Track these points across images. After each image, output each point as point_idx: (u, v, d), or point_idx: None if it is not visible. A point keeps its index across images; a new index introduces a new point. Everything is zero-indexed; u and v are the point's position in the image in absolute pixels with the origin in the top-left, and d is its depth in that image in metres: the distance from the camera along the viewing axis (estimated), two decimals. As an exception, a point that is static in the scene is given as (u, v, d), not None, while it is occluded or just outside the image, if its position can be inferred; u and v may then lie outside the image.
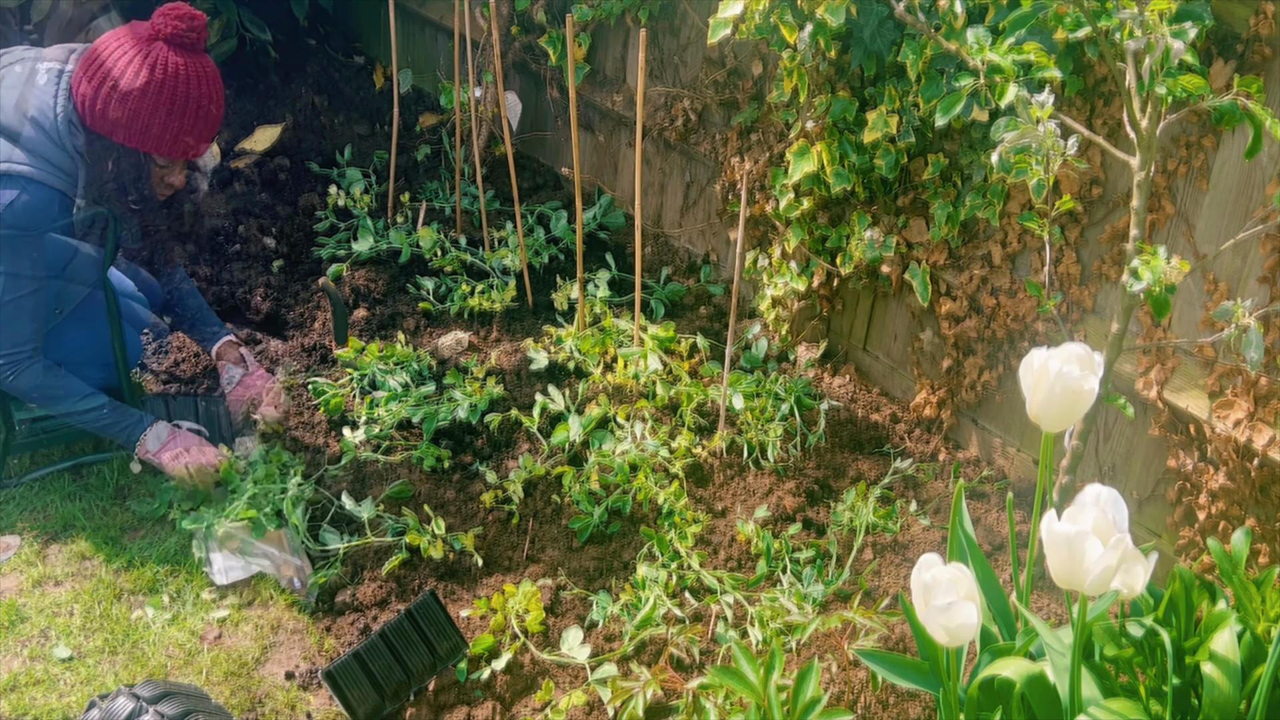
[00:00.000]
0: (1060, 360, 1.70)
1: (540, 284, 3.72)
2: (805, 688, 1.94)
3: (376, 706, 2.32)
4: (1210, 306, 2.51)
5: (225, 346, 3.21)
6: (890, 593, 2.65)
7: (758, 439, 3.01)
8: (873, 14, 2.78)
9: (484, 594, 2.63)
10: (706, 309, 3.61)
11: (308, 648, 2.54)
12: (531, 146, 4.37)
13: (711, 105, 3.56)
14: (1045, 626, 1.79)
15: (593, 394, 3.16)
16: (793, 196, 3.15)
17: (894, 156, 2.90)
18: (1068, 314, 2.77)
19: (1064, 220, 2.75)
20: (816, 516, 2.87)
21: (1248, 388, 2.44)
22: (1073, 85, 2.60)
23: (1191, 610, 1.84)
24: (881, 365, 3.33)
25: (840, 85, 2.98)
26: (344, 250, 3.84)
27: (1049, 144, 2.00)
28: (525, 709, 2.38)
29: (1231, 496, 2.48)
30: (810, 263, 3.24)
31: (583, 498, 2.84)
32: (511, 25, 4.08)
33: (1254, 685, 1.72)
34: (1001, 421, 3.04)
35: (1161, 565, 2.65)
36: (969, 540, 2.04)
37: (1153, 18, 1.86)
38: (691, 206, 3.79)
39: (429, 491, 2.89)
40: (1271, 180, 2.35)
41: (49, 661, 2.46)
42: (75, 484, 2.94)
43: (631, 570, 2.71)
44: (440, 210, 4.09)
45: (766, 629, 2.50)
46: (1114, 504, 1.62)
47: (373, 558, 2.70)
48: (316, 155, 4.43)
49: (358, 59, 5.07)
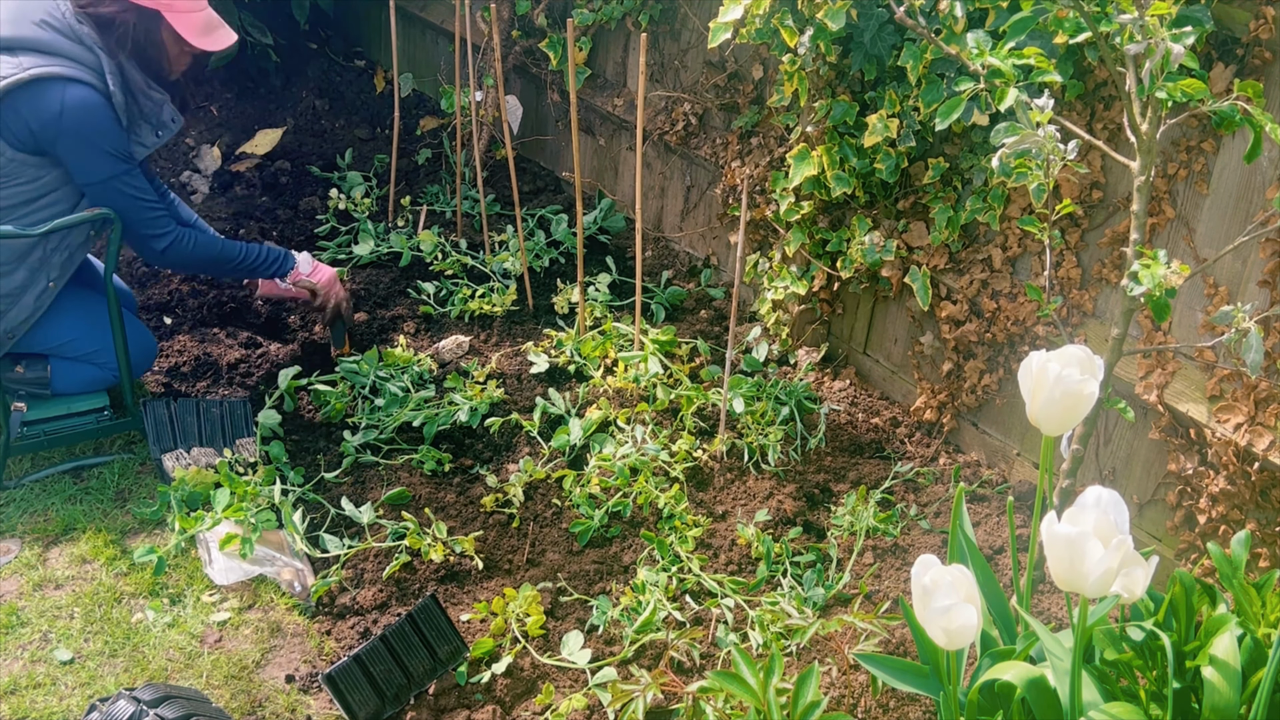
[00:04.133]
0: (1060, 363, 1.70)
1: (541, 287, 3.72)
2: (805, 691, 1.94)
3: (377, 710, 2.32)
4: (1210, 310, 2.51)
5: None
6: (891, 596, 2.65)
7: (758, 442, 3.01)
8: (873, 18, 2.79)
9: (484, 597, 2.63)
10: (707, 312, 3.62)
11: (308, 651, 2.54)
12: (532, 150, 4.37)
13: (712, 109, 3.57)
14: (1046, 630, 1.79)
15: (593, 397, 3.16)
16: (793, 200, 3.16)
17: (894, 160, 2.90)
18: (1068, 317, 2.77)
19: (1064, 224, 2.75)
20: (817, 520, 2.87)
21: (1248, 391, 2.44)
22: (1073, 89, 2.60)
23: (1192, 614, 1.84)
24: (882, 369, 3.34)
25: (841, 89, 2.99)
26: (345, 254, 3.85)
27: (1049, 148, 2.00)
28: (525, 712, 2.38)
29: (1232, 500, 2.47)
30: (811, 266, 3.24)
31: (583, 501, 2.84)
32: (512, 29, 4.09)
33: (1254, 689, 1.72)
34: (1002, 425, 3.04)
35: (1162, 569, 2.65)
36: (969, 543, 2.04)
37: (1153, 22, 1.87)
38: (692, 210, 3.80)
39: (429, 495, 2.89)
40: (1271, 184, 2.36)
41: (49, 664, 2.46)
42: (76, 487, 2.94)
43: (632, 574, 2.71)
44: (441, 214, 4.09)
45: (767, 633, 2.50)
46: (1115, 506, 1.62)
47: (373, 561, 2.70)
48: (317, 159, 4.43)
49: (359, 62, 5.07)
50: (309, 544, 2.74)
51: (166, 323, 3.48)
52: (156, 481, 2.94)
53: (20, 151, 2.67)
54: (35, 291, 2.82)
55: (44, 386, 2.94)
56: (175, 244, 2.88)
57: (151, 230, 2.84)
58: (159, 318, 3.50)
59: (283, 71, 4.87)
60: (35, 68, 2.62)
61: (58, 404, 2.98)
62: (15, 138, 2.66)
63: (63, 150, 2.68)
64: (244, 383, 3.27)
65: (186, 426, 2.98)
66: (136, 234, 2.83)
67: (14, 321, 2.83)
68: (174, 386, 3.24)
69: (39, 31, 2.66)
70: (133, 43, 2.73)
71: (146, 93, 2.79)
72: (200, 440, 2.98)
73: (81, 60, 2.68)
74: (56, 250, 2.82)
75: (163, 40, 2.77)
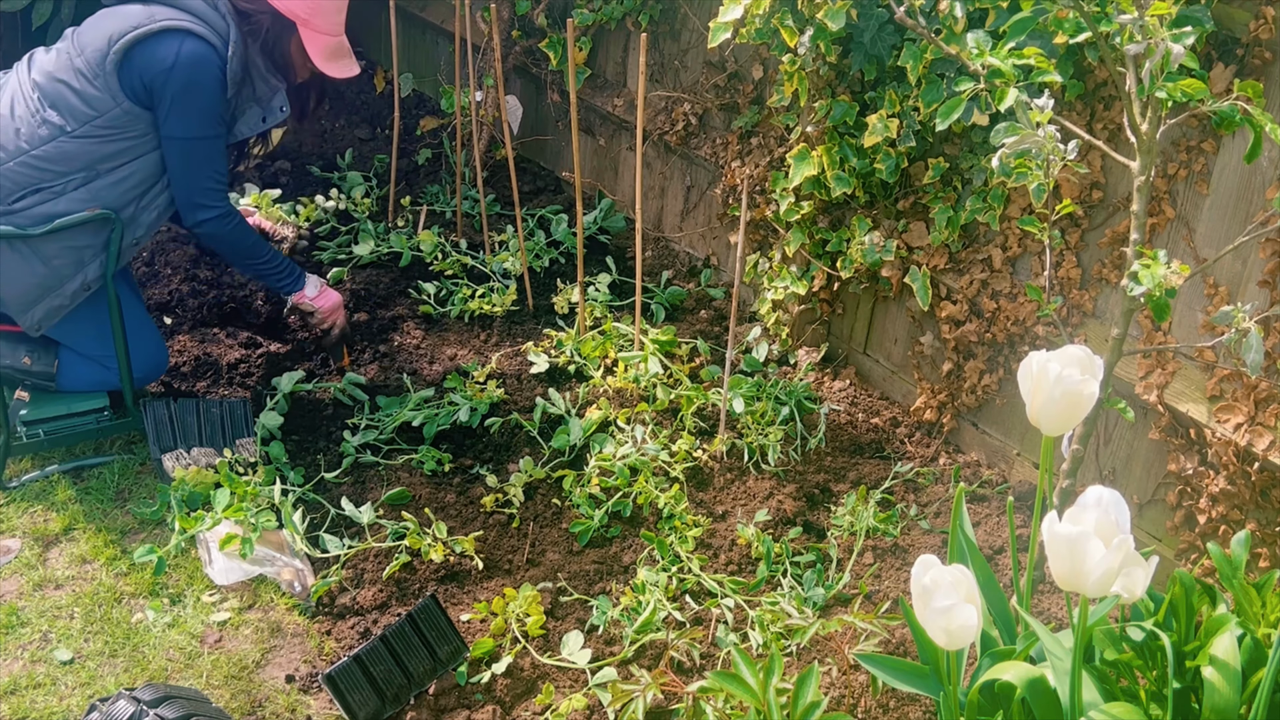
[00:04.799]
0: (1060, 363, 1.70)
1: (541, 287, 3.72)
2: (805, 692, 1.94)
3: (377, 710, 2.32)
4: (1210, 310, 2.51)
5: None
6: (891, 596, 2.65)
7: (758, 442, 3.01)
8: (873, 18, 2.79)
9: (484, 597, 2.63)
10: (707, 312, 3.62)
11: (308, 651, 2.54)
12: (532, 150, 4.37)
13: (712, 109, 3.57)
14: (1046, 630, 1.79)
15: (593, 397, 3.16)
16: (793, 200, 3.16)
17: (894, 160, 2.90)
18: (1068, 318, 2.77)
19: (1064, 224, 2.75)
20: (817, 520, 2.87)
21: (1248, 391, 2.44)
22: (1073, 89, 2.60)
23: (1192, 614, 1.84)
24: (882, 369, 3.34)
25: (840, 89, 2.99)
26: (345, 254, 3.85)
27: (1049, 148, 2.00)
28: (526, 712, 2.38)
29: (1232, 500, 2.48)
30: (811, 266, 3.24)
31: (583, 501, 2.84)
32: (512, 29, 4.09)
33: (1254, 689, 1.72)
34: (1002, 425, 3.04)
35: (1162, 569, 2.65)
36: (969, 543, 2.04)
37: (1153, 22, 1.87)
38: (692, 210, 3.80)
39: (429, 495, 2.89)
40: (1271, 184, 2.36)
41: (49, 664, 2.46)
42: (76, 487, 2.94)
43: (632, 574, 2.71)
44: (441, 214, 4.09)
45: (767, 633, 2.50)
46: (1116, 505, 1.62)
47: (373, 561, 2.70)
48: (317, 159, 4.43)
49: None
50: (309, 544, 2.74)
51: (166, 322, 3.48)
52: (156, 481, 2.94)
53: (134, 104, 2.71)
54: (73, 286, 2.83)
55: (49, 380, 2.94)
56: (219, 219, 2.89)
57: (205, 200, 2.85)
58: (159, 318, 3.50)
59: (283, 71, 4.86)
60: (166, 20, 2.68)
61: (58, 404, 2.98)
62: (130, 89, 2.70)
63: (160, 98, 2.71)
64: (244, 383, 3.27)
65: (186, 426, 2.98)
66: (189, 199, 2.85)
67: (53, 305, 2.83)
68: (174, 386, 3.24)
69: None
70: (263, 40, 2.80)
71: (265, 77, 2.85)
72: (200, 440, 2.98)
73: (211, 22, 2.73)
74: (96, 259, 2.83)
75: (290, 49, 2.84)
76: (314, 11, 2.81)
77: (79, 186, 2.73)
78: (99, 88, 2.68)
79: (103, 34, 2.69)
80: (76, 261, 2.79)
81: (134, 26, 2.67)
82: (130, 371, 2.95)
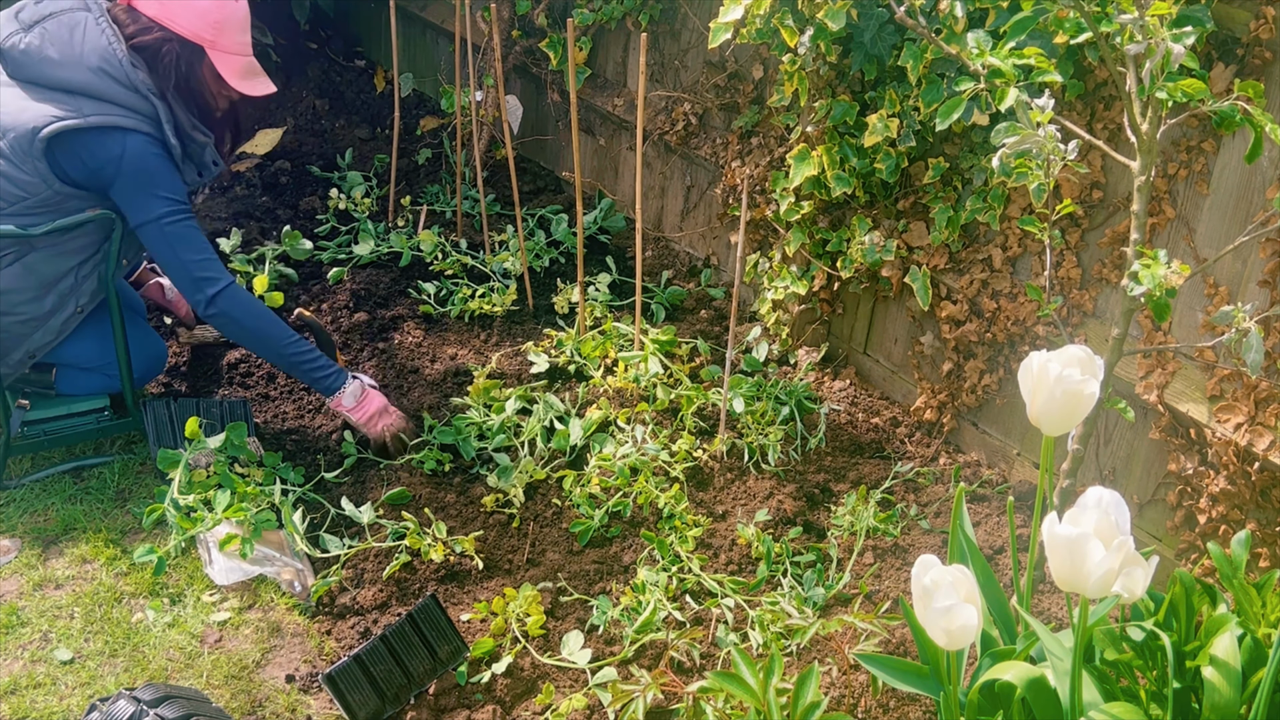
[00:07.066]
0: (1061, 363, 1.70)
1: (541, 287, 3.72)
2: (805, 692, 1.94)
3: (377, 710, 2.32)
4: (1211, 310, 2.51)
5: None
6: (891, 596, 2.65)
7: (758, 442, 3.01)
8: (873, 18, 2.79)
9: (484, 597, 2.63)
10: (707, 312, 3.62)
11: (308, 651, 2.54)
12: (532, 150, 4.37)
13: (712, 109, 3.57)
14: (1046, 630, 1.79)
15: (593, 397, 3.16)
16: (793, 200, 3.16)
17: (894, 160, 2.90)
18: (1068, 317, 2.77)
19: (1064, 224, 2.75)
20: (817, 520, 2.87)
21: (1248, 391, 2.44)
22: (1073, 89, 2.60)
23: (1192, 614, 1.84)
24: (882, 369, 3.34)
25: (841, 89, 2.99)
26: (345, 254, 3.85)
27: (1049, 148, 2.00)
28: (526, 712, 2.38)
29: (1232, 500, 2.48)
30: (811, 266, 3.24)
31: (583, 501, 2.84)
32: (512, 29, 4.09)
33: (1254, 689, 1.72)
34: (1002, 425, 3.04)
35: (1162, 569, 2.65)
36: (969, 543, 2.04)
37: (1153, 22, 1.87)
38: (692, 210, 3.80)
39: (430, 495, 2.89)
40: (1272, 184, 2.36)
41: (50, 664, 2.46)
42: (76, 486, 2.94)
43: (632, 574, 2.71)
44: (441, 214, 4.09)
45: (767, 633, 2.50)
46: (1116, 506, 1.62)
47: (373, 561, 2.70)
48: (317, 159, 4.44)
49: (359, 62, 5.07)
50: (309, 544, 2.74)
51: (166, 322, 3.48)
52: (156, 482, 2.94)
53: (68, 185, 2.69)
54: (63, 316, 2.84)
55: (48, 387, 2.95)
56: (228, 291, 2.80)
57: (204, 273, 2.79)
58: (159, 318, 3.50)
59: (283, 71, 4.87)
60: (95, 115, 2.64)
61: (58, 404, 2.98)
62: (66, 174, 2.68)
63: (119, 191, 2.70)
64: (244, 383, 3.27)
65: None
66: (189, 276, 2.79)
67: (38, 344, 2.85)
68: (174, 386, 3.24)
69: (97, 79, 2.66)
70: (176, 75, 2.75)
71: (192, 134, 2.82)
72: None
73: (139, 110, 2.71)
74: (88, 278, 2.83)
75: (204, 76, 2.79)
76: (219, 30, 2.75)
77: (14, 262, 2.72)
78: (28, 172, 2.65)
79: (25, 122, 2.62)
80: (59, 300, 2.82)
81: (58, 117, 2.62)
82: (130, 372, 2.95)
